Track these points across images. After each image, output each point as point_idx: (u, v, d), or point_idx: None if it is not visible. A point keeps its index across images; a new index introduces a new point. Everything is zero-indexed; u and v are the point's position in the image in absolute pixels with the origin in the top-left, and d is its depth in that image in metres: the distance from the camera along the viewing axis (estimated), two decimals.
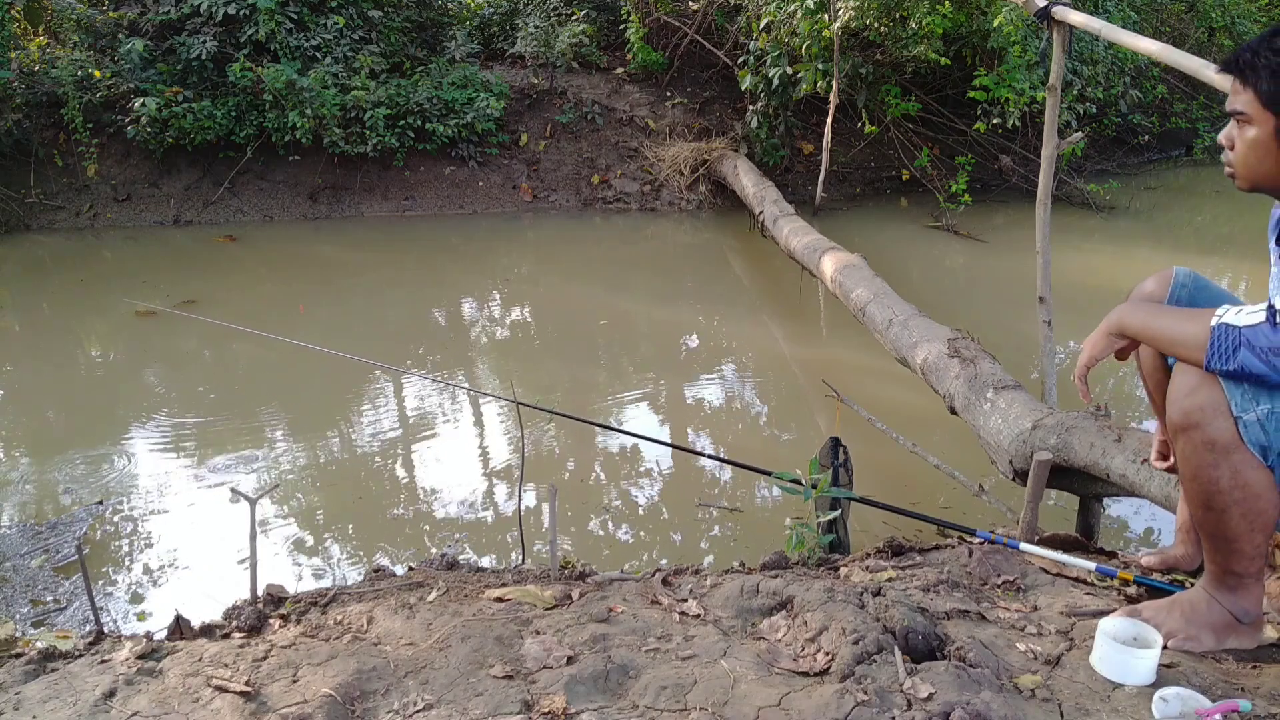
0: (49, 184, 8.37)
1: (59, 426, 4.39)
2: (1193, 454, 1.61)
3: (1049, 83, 3.35)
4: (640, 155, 9.38)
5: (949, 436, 3.62)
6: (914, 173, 8.95)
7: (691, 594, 2.02)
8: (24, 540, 3.30)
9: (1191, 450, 1.60)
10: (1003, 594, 2.04)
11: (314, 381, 4.93)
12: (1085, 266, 6.82)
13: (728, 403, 4.74)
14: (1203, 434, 1.58)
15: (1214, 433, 1.57)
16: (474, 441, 4.32)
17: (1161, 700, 1.53)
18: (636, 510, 3.57)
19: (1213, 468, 1.58)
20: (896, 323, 4.00)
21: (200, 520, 3.47)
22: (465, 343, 5.72)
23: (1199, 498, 1.64)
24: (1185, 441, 1.61)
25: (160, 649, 1.80)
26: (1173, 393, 1.62)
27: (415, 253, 7.75)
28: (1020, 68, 7.87)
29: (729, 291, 6.91)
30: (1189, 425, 1.59)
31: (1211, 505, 1.62)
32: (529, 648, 1.76)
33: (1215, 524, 1.65)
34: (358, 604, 2.02)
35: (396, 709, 1.59)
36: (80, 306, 6.42)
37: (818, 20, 7.72)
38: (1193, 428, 1.59)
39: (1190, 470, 1.63)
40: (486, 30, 10.46)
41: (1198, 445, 1.59)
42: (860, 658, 1.68)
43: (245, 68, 8.04)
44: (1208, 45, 10.26)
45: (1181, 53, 2.56)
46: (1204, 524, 1.67)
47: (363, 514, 3.54)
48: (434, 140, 8.81)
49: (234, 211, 8.52)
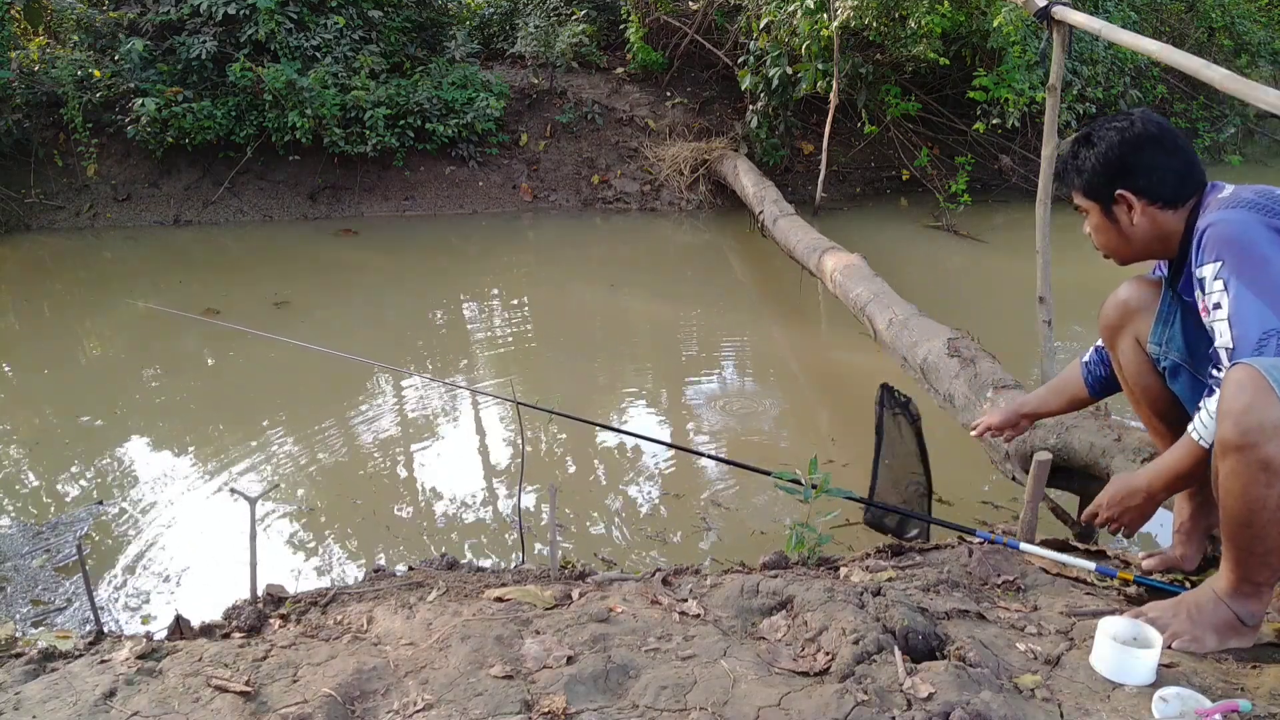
0: (49, 184, 8.37)
1: (59, 426, 4.39)
2: (1244, 471, 1.55)
3: (1049, 83, 3.35)
4: (640, 155, 9.38)
5: (949, 436, 3.61)
6: (914, 173, 8.95)
7: (691, 594, 2.02)
8: (24, 540, 3.30)
9: (1244, 468, 1.55)
10: (1003, 594, 2.04)
11: (314, 381, 4.93)
12: (1085, 266, 6.80)
13: (728, 402, 4.74)
14: (1259, 454, 1.53)
15: (1271, 453, 1.52)
16: (474, 442, 4.32)
17: (1161, 700, 1.53)
18: (636, 510, 3.57)
19: (1265, 487, 1.54)
20: (896, 322, 4.00)
21: (200, 520, 3.47)
22: (465, 343, 5.72)
23: (1240, 515, 1.59)
24: (1238, 460, 1.55)
25: (160, 649, 1.80)
26: (1227, 407, 1.56)
27: (415, 253, 7.75)
28: (1020, 68, 7.87)
29: (729, 291, 6.91)
30: (1245, 445, 1.54)
31: (1252, 523, 1.58)
32: (529, 648, 1.76)
33: (1250, 539, 1.61)
34: (358, 604, 2.02)
35: (396, 709, 1.59)
36: (80, 306, 6.42)
37: (817, 20, 7.72)
38: (1249, 447, 1.53)
39: (1237, 487, 1.57)
40: (486, 30, 10.46)
41: (1251, 464, 1.54)
42: (860, 658, 1.68)
43: (245, 68, 8.04)
44: (1208, 45, 10.25)
45: (1181, 53, 2.56)
46: (1236, 538, 1.63)
47: (363, 514, 3.54)
48: (434, 140, 8.81)
49: (234, 211, 8.52)
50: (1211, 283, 1.67)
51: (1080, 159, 1.93)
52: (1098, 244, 1.99)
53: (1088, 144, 1.92)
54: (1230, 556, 1.67)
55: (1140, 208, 1.86)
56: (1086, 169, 1.92)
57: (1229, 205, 1.73)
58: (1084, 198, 1.95)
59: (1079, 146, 1.94)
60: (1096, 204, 1.93)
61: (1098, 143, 1.90)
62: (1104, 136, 1.89)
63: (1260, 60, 10.42)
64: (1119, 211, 1.90)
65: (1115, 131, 1.88)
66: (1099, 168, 1.89)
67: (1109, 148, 1.88)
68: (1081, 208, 1.98)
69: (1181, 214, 1.86)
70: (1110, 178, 1.88)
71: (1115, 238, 1.94)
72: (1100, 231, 1.96)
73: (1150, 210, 1.86)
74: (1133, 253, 1.95)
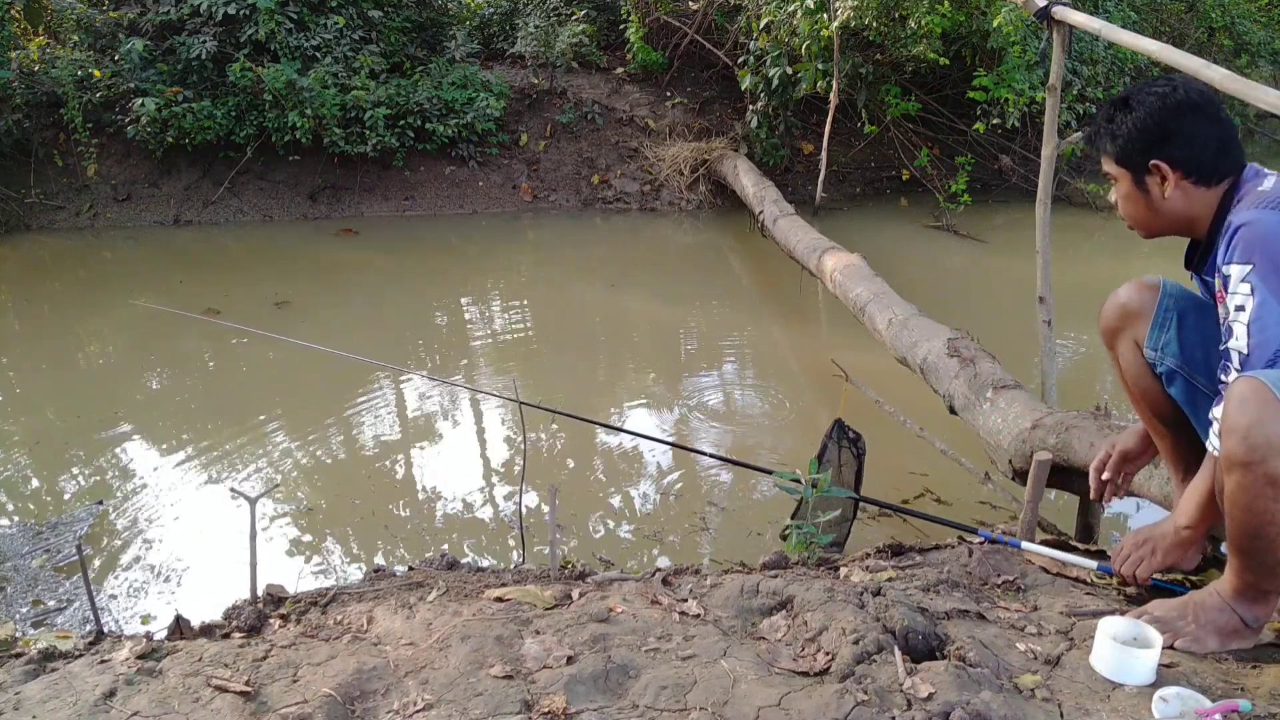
0: (49, 184, 8.37)
1: (59, 426, 4.39)
2: (1251, 486, 1.54)
3: (1049, 83, 3.35)
4: (640, 155, 9.38)
5: (949, 437, 3.61)
6: (914, 173, 8.95)
7: (691, 594, 2.02)
8: (24, 540, 3.30)
9: (1251, 483, 1.53)
10: (1003, 594, 2.04)
11: (314, 381, 4.93)
12: (1085, 266, 6.82)
13: (727, 402, 4.74)
14: (1266, 469, 1.51)
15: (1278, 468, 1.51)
16: (474, 442, 4.32)
17: (1161, 700, 1.53)
18: (636, 510, 3.57)
19: (1272, 500, 1.53)
20: (896, 322, 4.00)
21: (200, 520, 3.47)
22: (465, 342, 5.72)
23: (1248, 527, 1.58)
24: (1245, 474, 1.54)
25: (160, 649, 1.80)
26: (1232, 423, 1.55)
27: (415, 253, 7.75)
28: (1020, 68, 7.87)
29: (729, 291, 6.91)
30: (1252, 460, 1.52)
31: (1261, 535, 1.57)
32: (529, 648, 1.76)
33: (1260, 550, 1.60)
34: (358, 604, 2.02)
35: (396, 709, 1.59)
36: (80, 306, 6.42)
37: (817, 20, 7.72)
38: (1256, 463, 1.52)
39: (1244, 500, 1.56)
40: (486, 30, 10.46)
41: (1258, 479, 1.52)
42: (860, 657, 1.68)
43: (245, 68, 8.04)
44: (1208, 45, 10.25)
45: (1181, 53, 2.56)
46: (1246, 550, 1.62)
47: (363, 514, 3.54)
48: (434, 140, 8.81)
49: (234, 211, 8.52)
50: (1238, 284, 1.62)
51: (1116, 123, 1.81)
52: (1123, 213, 1.90)
53: (1125, 107, 1.81)
54: (1237, 563, 1.67)
55: (1174, 180, 1.77)
56: (1122, 134, 1.80)
57: (1269, 205, 1.66)
58: (1115, 165, 1.85)
59: (1115, 110, 1.83)
60: (1128, 172, 1.83)
61: (1136, 107, 1.79)
62: (1143, 101, 1.78)
63: (1260, 60, 10.42)
64: (1151, 182, 1.80)
65: (1156, 97, 1.77)
66: (1135, 134, 1.78)
67: (1148, 113, 1.77)
68: (1110, 175, 1.88)
69: (1215, 193, 1.78)
70: (1146, 145, 1.78)
71: (1144, 210, 1.85)
72: (1129, 201, 1.86)
73: (1184, 184, 1.78)
74: (1160, 227, 1.87)
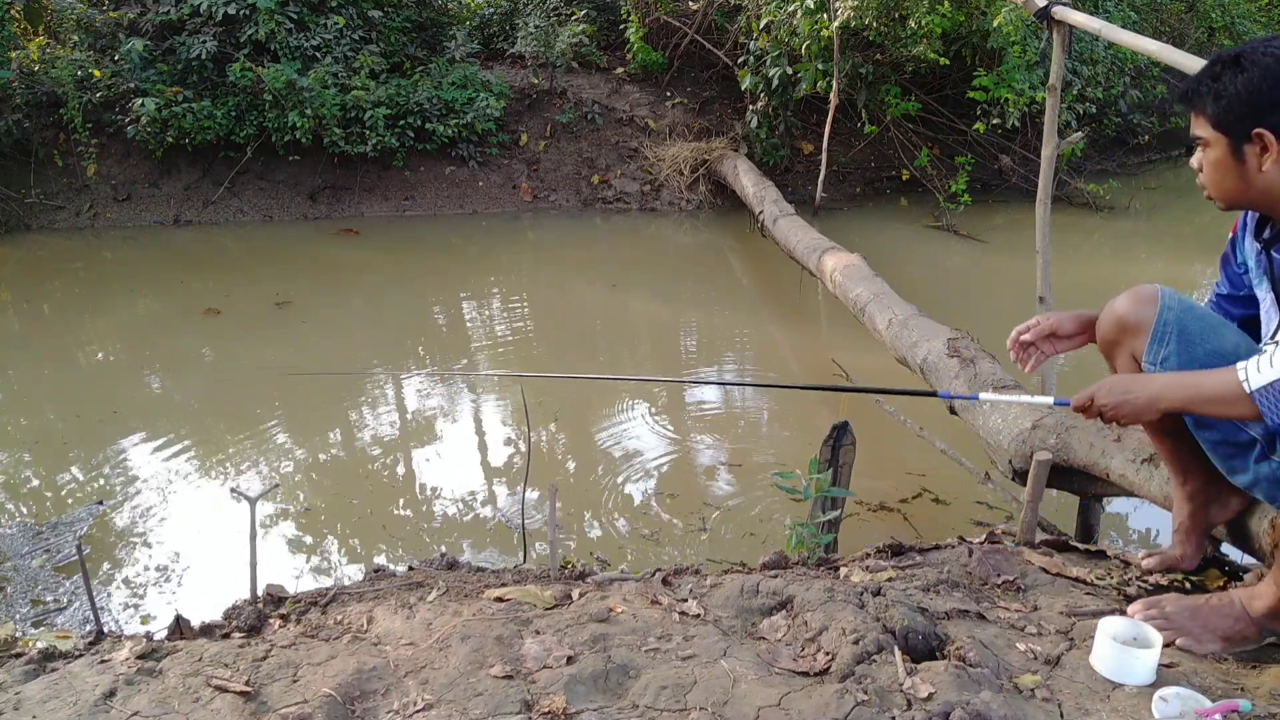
0: (49, 184, 8.37)
1: (59, 426, 4.39)
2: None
3: (1049, 83, 3.35)
4: (640, 155, 9.37)
5: (949, 437, 3.61)
6: (914, 173, 8.95)
7: (691, 594, 2.02)
8: (25, 540, 3.30)
9: None
10: (1003, 594, 2.04)
11: (314, 381, 4.93)
12: (1085, 266, 6.82)
13: (728, 402, 4.74)
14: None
15: None
16: (474, 442, 4.32)
17: (1161, 700, 1.53)
18: (636, 510, 3.57)
19: None
20: (896, 322, 4.00)
21: (200, 520, 3.47)
22: (465, 342, 5.72)
23: None
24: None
25: (160, 649, 1.80)
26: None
27: (415, 253, 7.75)
28: (1020, 68, 7.87)
29: (729, 291, 6.91)
30: None
31: None
32: (529, 648, 1.76)
33: None
34: (358, 604, 2.02)
35: (396, 709, 1.59)
36: (80, 306, 6.42)
37: (817, 20, 7.72)
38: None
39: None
40: (486, 30, 10.45)
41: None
42: (860, 658, 1.68)
43: (245, 68, 8.04)
44: (1208, 45, 10.25)
45: (1181, 53, 2.56)
46: None
47: (363, 514, 3.54)
48: (434, 140, 8.80)
49: (234, 211, 8.52)
50: None
51: (1222, 82, 1.64)
52: (1206, 181, 1.74)
53: (1235, 66, 1.64)
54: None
55: (1276, 154, 1.62)
56: (1227, 95, 1.64)
57: None
58: (1211, 128, 1.68)
59: (1223, 67, 1.65)
60: (1225, 138, 1.66)
61: (1249, 68, 1.62)
62: (1258, 61, 1.62)
63: None
64: (1250, 152, 1.65)
65: (1274, 59, 1.61)
66: (1243, 96, 1.62)
67: (1263, 76, 1.61)
68: (1201, 138, 1.71)
69: None
70: (1255, 111, 1.62)
71: (1234, 180, 1.69)
72: (1218, 169, 1.70)
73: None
74: (1248, 201, 1.73)
